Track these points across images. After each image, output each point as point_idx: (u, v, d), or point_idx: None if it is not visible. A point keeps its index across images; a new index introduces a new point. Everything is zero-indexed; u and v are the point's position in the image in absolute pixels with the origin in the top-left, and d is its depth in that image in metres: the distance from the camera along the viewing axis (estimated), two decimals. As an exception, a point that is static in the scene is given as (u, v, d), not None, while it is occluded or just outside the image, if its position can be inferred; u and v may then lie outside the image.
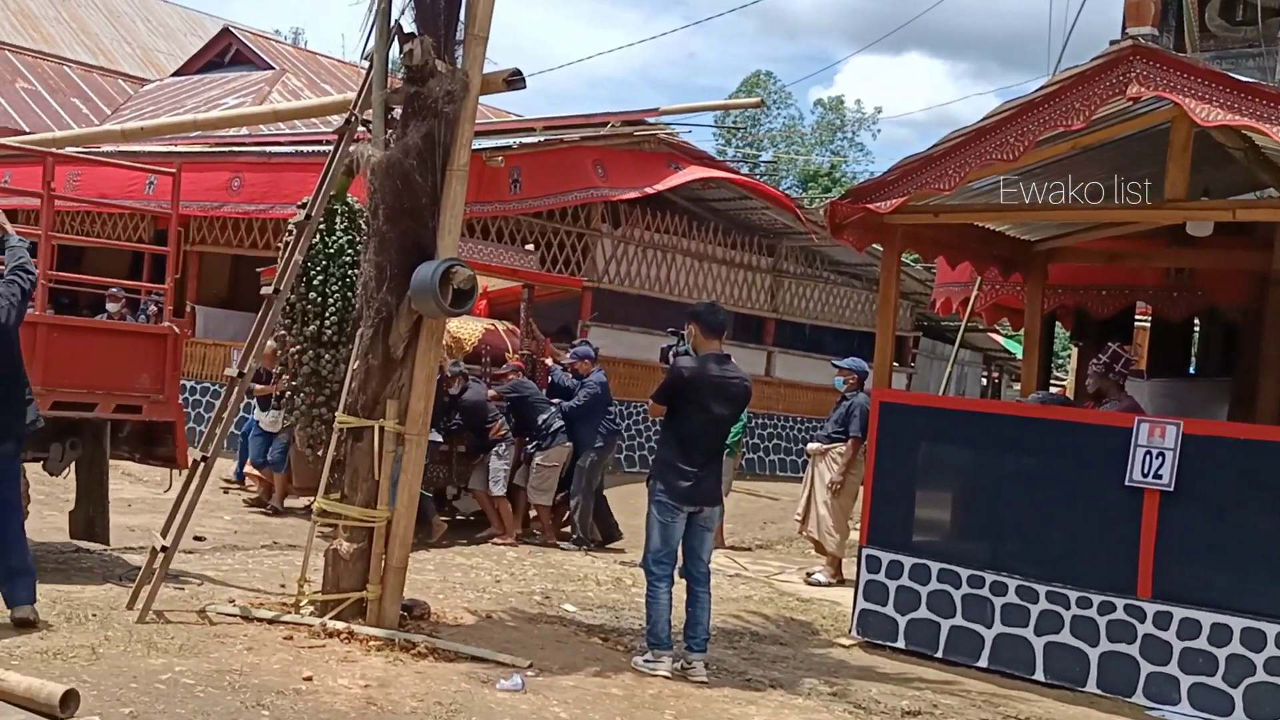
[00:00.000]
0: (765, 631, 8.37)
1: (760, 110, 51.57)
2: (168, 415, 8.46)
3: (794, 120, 58.31)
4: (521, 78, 7.56)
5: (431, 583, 8.66)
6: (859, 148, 57.48)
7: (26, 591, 6.45)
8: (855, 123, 57.95)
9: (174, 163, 9.06)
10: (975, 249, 9.79)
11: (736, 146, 54.04)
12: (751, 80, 56.73)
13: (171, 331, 8.51)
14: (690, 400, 6.83)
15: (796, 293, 20.27)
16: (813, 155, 55.03)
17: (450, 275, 6.86)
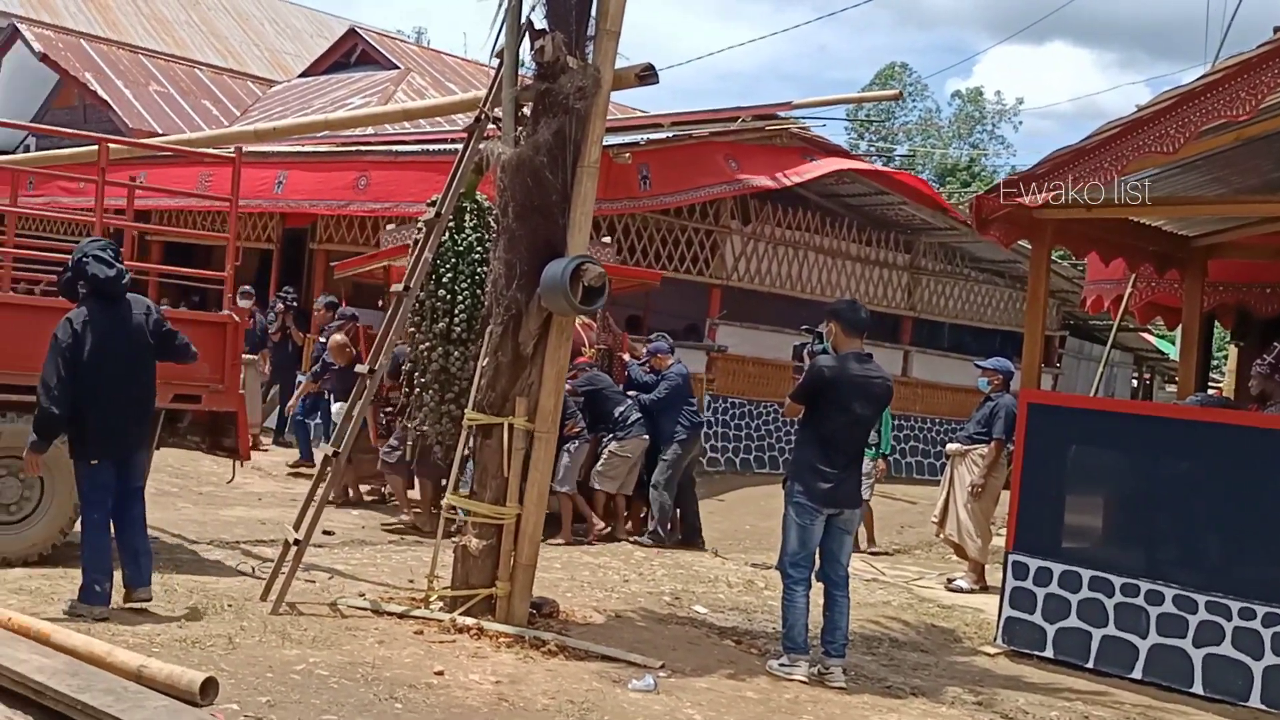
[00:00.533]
0: (905, 638, 8.33)
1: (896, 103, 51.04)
2: (228, 405, 8.43)
3: (930, 113, 57.70)
4: (654, 72, 7.63)
5: (559, 581, 8.80)
6: (999, 140, 56.64)
7: (147, 573, 6.85)
8: (995, 115, 57.10)
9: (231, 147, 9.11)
10: (1130, 245, 9.57)
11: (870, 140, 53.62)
12: (886, 72, 56.18)
13: (230, 320, 8.50)
14: (831, 400, 6.83)
15: (935, 290, 20.03)
16: (950, 149, 54.27)
17: (581, 272, 6.97)
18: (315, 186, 16.43)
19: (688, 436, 11.45)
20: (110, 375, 6.75)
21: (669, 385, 11.46)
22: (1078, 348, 24.20)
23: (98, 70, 24.38)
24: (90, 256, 6.83)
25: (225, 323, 8.47)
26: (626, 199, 13.86)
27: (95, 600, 6.60)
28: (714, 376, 16.23)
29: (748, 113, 15.39)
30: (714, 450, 16.13)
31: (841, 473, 6.88)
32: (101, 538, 6.78)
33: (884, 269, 19.09)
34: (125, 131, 22.12)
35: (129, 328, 6.90)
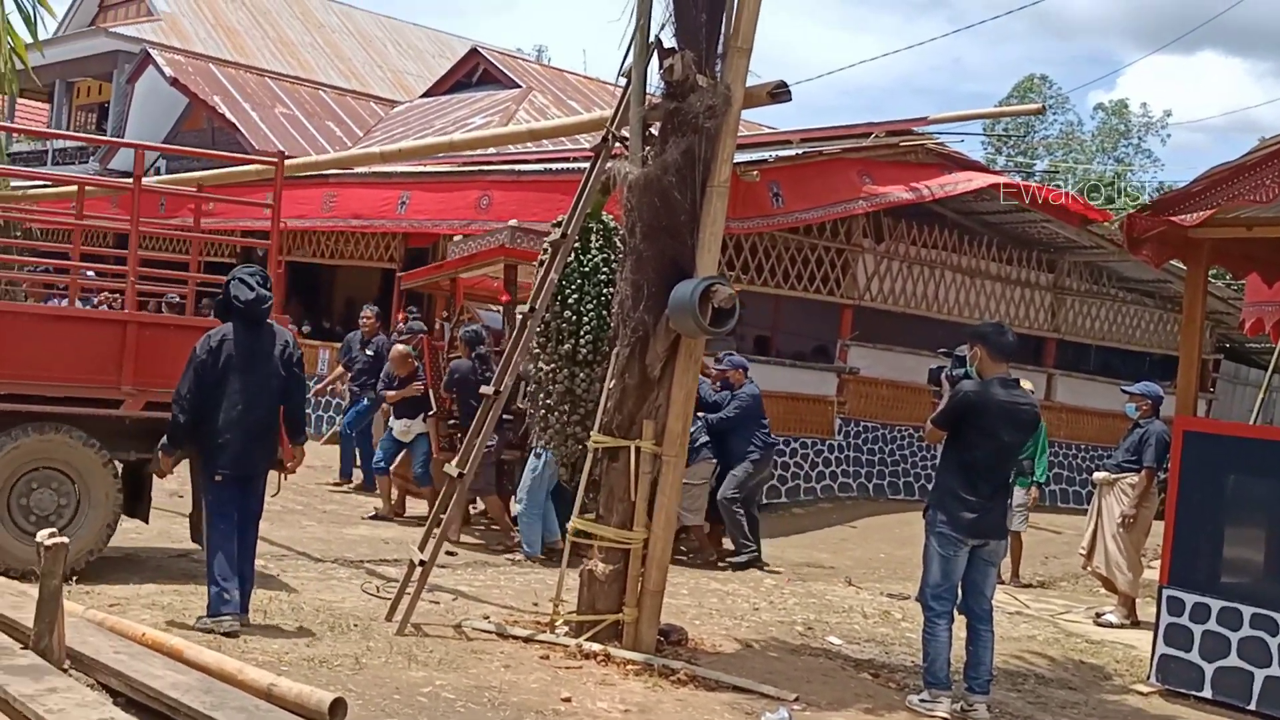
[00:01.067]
0: (1051, 674, 8.18)
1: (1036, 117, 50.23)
2: None
3: (1072, 126, 56.61)
4: (787, 90, 7.66)
5: (686, 608, 8.83)
6: (1146, 154, 55.33)
7: (247, 599, 7.11)
8: (1141, 128, 55.85)
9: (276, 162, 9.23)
10: (1297, 266, 9.33)
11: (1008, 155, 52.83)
12: (1024, 84, 55.31)
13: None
14: (976, 426, 6.77)
15: (1080, 311, 19.64)
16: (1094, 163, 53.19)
17: (710, 294, 7.03)
18: (438, 207, 16.76)
19: (761, 457, 11.44)
20: (238, 394, 7.10)
21: (739, 405, 11.37)
22: (1233, 372, 23.48)
23: (225, 93, 25.27)
24: (236, 279, 7.27)
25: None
26: (759, 217, 13.86)
27: (224, 608, 6.85)
28: (845, 399, 16.14)
29: (881, 128, 15.30)
30: (845, 475, 16.03)
31: (987, 502, 6.82)
32: (229, 547, 7.04)
33: (1026, 289, 18.79)
34: (251, 153, 22.86)
35: (263, 352, 7.25)
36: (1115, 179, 50.49)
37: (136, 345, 8.13)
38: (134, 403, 8.12)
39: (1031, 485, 11.50)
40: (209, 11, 31.59)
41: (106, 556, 8.55)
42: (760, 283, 15.06)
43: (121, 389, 8.10)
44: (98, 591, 7.43)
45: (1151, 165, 54.49)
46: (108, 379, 8.11)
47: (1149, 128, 55.66)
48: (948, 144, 16.29)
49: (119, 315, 8.34)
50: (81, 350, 8.10)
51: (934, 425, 6.99)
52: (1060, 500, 18.22)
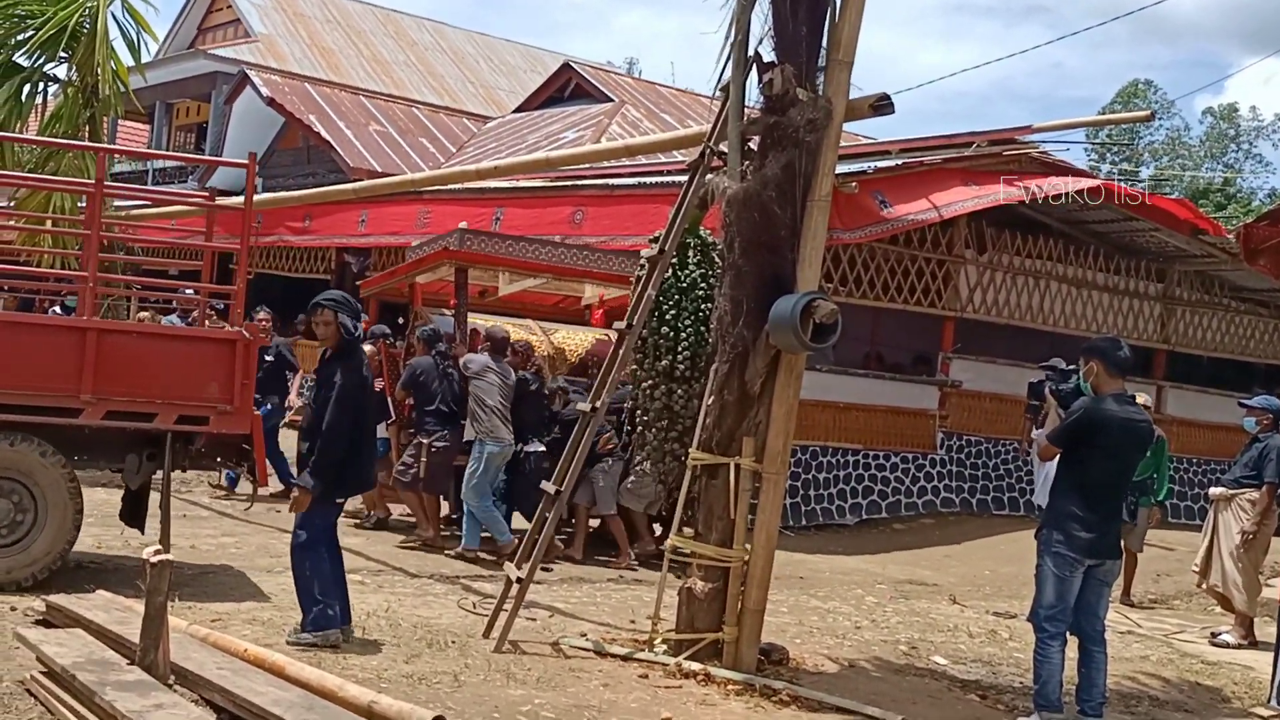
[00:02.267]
0: (1166, 696, 8.01)
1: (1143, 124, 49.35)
2: (239, 428, 8.18)
3: (1178, 132, 55.55)
4: (890, 102, 7.59)
5: (787, 625, 8.78)
6: (1257, 159, 54.13)
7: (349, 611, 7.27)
8: (1252, 132, 54.65)
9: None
10: None
11: (1112, 162, 51.97)
12: (1129, 90, 54.42)
13: (241, 336, 8.20)
14: (1094, 444, 6.67)
15: (1191, 322, 19.22)
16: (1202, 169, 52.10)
17: (812, 309, 6.98)
18: (532, 222, 16.88)
19: None
20: (370, 417, 7.51)
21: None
22: (1353, 383, 22.84)
23: (320, 112, 25.72)
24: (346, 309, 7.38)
25: (235, 340, 8.20)
26: (872, 225, 13.75)
27: (331, 623, 6.97)
28: (947, 413, 15.95)
29: (983, 138, 15.09)
30: (948, 490, 15.84)
31: (1104, 521, 6.73)
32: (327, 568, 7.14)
33: (1134, 299, 18.42)
34: (346, 170, 23.28)
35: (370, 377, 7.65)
36: (1225, 185, 49.54)
37: (97, 353, 7.81)
38: (93, 412, 7.83)
39: (1153, 505, 11.27)
40: (304, 32, 32.22)
41: (206, 572, 8.76)
42: (859, 295, 14.96)
43: (80, 398, 7.79)
44: (200, 608, 7.57)
45: (1263, 170, 53.39)
46: (66, 387, 7.79)
47: (1259, 132, 54.50)
48: (1052, 153, 16.05)
49: (78, 322, 8.10)
50: (39, 358, 7.82)
51: (1049, 442, 6.92)
52: (1172, 515, 17.79)
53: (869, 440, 15.16)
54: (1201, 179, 50.17)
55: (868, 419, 15.17)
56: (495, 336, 10.90)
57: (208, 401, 8.03)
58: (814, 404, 14.28)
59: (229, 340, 8.23)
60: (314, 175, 24.51)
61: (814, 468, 14.56)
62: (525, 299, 14.18)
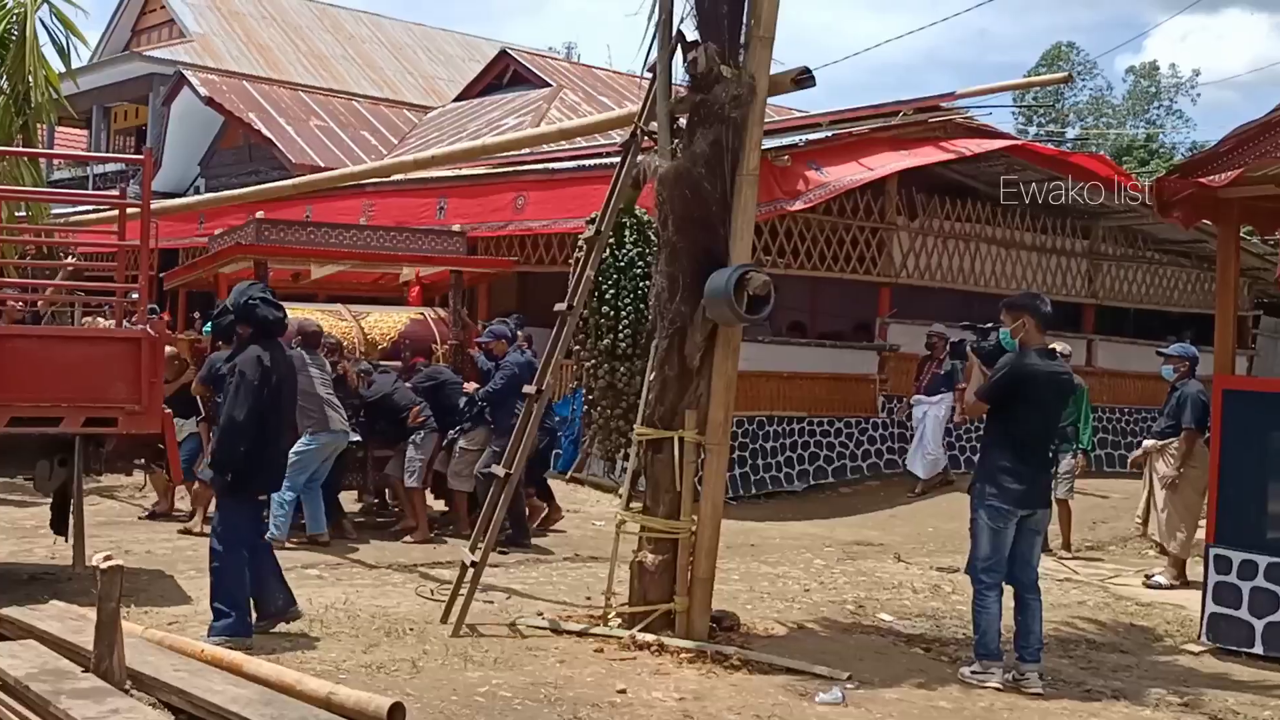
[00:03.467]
0: (1103, 639, 8.11)
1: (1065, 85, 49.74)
2: (149, 427, 7.91)
3: (1102, 92, 56.06)
4: (811, 76, 7.60)
5: (738, 593, 8.80)
6: (1177, 115, 54.75)
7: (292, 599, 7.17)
8: (1172, 89, 55.24)
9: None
10: (1327, 220, 9.19)
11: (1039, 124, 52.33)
12: (1052, 53, 54.79)
13: (146, 335, 7.90)
14: (1023, 398, 6.73)
15: (1117, 276, 19.41)
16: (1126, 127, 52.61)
17: (745, 281, 6.98)
18: (475, 210, 16.77)
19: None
20: (281, 413, 7.16)
21: (505, 375, 10.78)
22: (1274, 327, 23.14)
23: (260, 109, 25.41)
24: (258, 300, 7.12)
25: (139, 339, 7.89)
26: (817, 188, 13.72)
27: (246, 631, 6.79)
28: (886, 376, 16.00)
29: (909, 105, 15.14)
30: (891, 453, 15.91)
31: (1034, 472, 6.84)
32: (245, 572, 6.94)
33: (1061, 256, 18.58)
34: (289, 167, 23.03)
35: (291, 371, 7.35)
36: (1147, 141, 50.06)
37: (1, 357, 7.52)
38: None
39: (1078, 452, 11.37)
40: (240, 30, 31.76)
41: (162, 576, 8.65)
42: (797, 266, 14.97)
43: None
44: (156, 611, 7.48)
45: (1184, 126, 54.02)
46: None
47: (1179, 88, 55.12)
48: (977, 117, 16.12)
49: None
50: None
51: (979, 398, 6.93)
52: (1106, 465, 17.98)
53: (813, 408, 15.19)
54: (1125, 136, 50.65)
55: (811, 387, 15.20)
56: (307, 330, 10.44)
57: (115, 402, 7.75)
58: (758, 375, 14.29)
59: (133, 339, 7.92)
60: (257, 173, 24.21)
61: (760, 437, 14.59)
62: (344, 279, 13.91)
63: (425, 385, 11.30)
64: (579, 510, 13.22)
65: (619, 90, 26.69)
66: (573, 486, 14.62)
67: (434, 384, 11.30)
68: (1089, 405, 11.67)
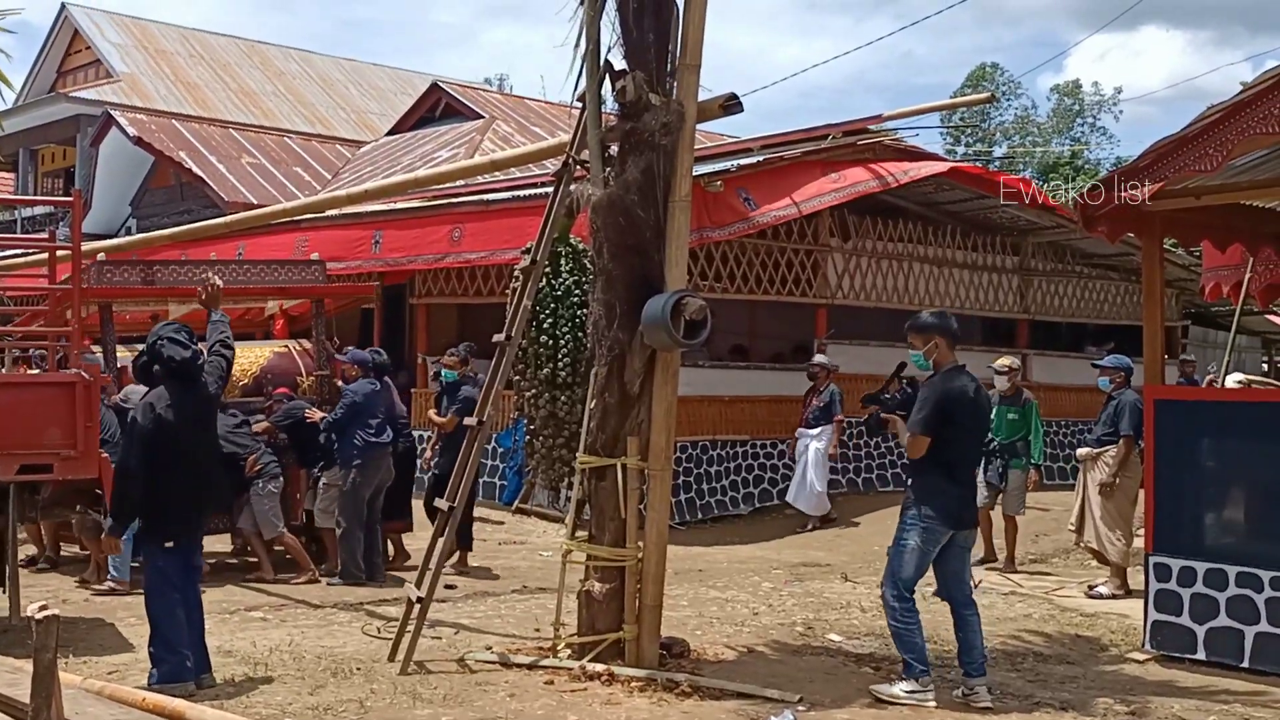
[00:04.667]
0: (1049, 651, 8.16)
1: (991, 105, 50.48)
2: (85, 472, 7.73)
3: (1027, 110, 56.92)
4: (738, 102, 7.63)
5: (687, 619, 8.77)
6: (1101, 132, 55.77)
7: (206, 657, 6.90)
8: (1095, 106, 56.23)
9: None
10: (1245, 229, 9.43)
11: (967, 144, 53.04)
12: (977, 74, 55.64)
13: (80, 379, 7.72)
14: (952, 420, 6.73)
15: (1048, 291, 19.67)
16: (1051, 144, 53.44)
17: (681, 307, 6.98)
18: (412, 243, 16.70)
19: (363, 461, 10.45)
20: (187, 457, 6.83)
21: (345, 403, 10.55)
22: (1202, 336, 23.58)
23: (191, 148, 25.16)
24: (165, 339, 6.92)
25: (74, 383, 7.71)
26: (738, 222, 13.81)
27: (187, 675, 6.67)
28: (827, 398, 16.06)
29: (838, 129, 15.30)
30: (834, 472, 15.96)
31: (967, 491, 6.95)
32: (178, 614, 6.80)
33: (993, 273, 18.81)
34: (221, 205, 22.79)
35: (204, 409, 7.05)
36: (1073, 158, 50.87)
37: None
38: None
39: (1029, 468, 11.42)
40: (168, 69, 31.48)
41: (101, 624, 8.48)
42: (734, 290, 15.03)
43: None
44: (96, 661, 7.32)
45: (1107, 142, 55.06)
46: None
47: (1101, 105, 56.13)
48: (905, 139, 16.31)
49: None
50: None
51: (920, 433, 6.71)
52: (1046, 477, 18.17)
53: (755, 430, 15.25)
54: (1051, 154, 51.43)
55: (752, 409, 15.25)
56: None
57: (49, 448, 7.53)
58: (699, 399, 14.34)
59: (67, 384, 7.71)
60: (189, 212, 23.92)
61: (705, 461, 14.61)
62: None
63: (284, 423, 10.93)
64: (525, 541, 13.17)
65: (551, 120, 26.72)
66: (518, 517, 14.57)
67: (293, 422, 10.91)
68: (1039, 419, 11.73)
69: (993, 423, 11.32)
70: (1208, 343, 23.51)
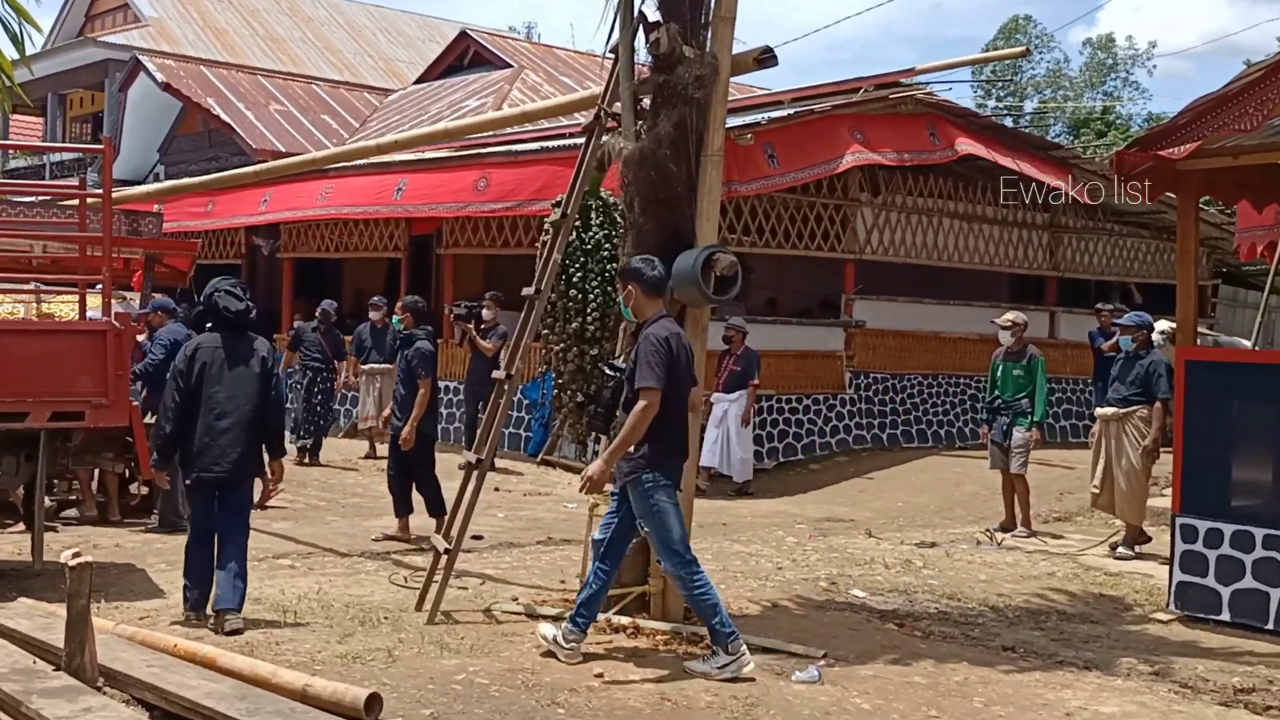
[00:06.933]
0: (1073, 610, 8.17)
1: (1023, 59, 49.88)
2: (116, 420, 7.77)
3: (1059, 64, 56.26)
4: (773, 55, 7.56)
5: (711, 573, 8.60)
6: (1134, 87, 55.08)
7: (240, 597, 7.06)
8: (1128, 61, 55.55)
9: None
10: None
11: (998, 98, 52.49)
12: (1009, 26, 54.97)
13: (111, 327, 7.70)
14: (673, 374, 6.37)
15: (1078, 248, 19.53)
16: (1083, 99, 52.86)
17: (712, 262, 6.95)
18: (434, 190, 16.67)
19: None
20: (216, 402, 7.11)
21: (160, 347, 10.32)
22: (1232, 295, 23.39)
23: (219, 94, 25.11)
24: (221, 291, 7.30)
25: (105, 330, 7.69)
26: (759, 179, 13.73)
27: (185, 605, 7.13)
28: (853, 352, 16.07)
29: (869, 82, 15.15)
30: (859, 428, 15.98)
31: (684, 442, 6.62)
32: (194, 550, 7.15)
33: (1023, 229, 18.68)
34: (249, 152, 22.78)
35: (246, 362, 7.24)
36: (1104, 113, 50.32)
37: None
38: None
39: (1032, 426, 11.16)
40: (196, 14, 31.38)
41: (132, 570, 8.57)
42: (763, 244, 14.97)
43: None
44: (127, 606, 7.40)
45: (1140, 97, 54.39)
46: None
47: (1135, 60, 55.43)
48: (936, 93, 16.14)
49: None
50: None
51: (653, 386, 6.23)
52: (1071, 436, 18.17)
53: (781, 385, 15.23)
54: (1082, 109, 50.90)
55: (779, 364, 15.23)
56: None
57: (81, 396, 7.58)
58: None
59: (98, 331, 7.74)
60: (217, 159, 23.95)
61: (729, 415, 14.58)
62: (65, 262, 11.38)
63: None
64: (550, 493, 13.21)
65: (580, 70, 26.57)
66: (543, 469, 14.62)
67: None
68: (1044, 377, 11.45)
69: (998, 380, 11.28)
70: (1237, 302, 23.32)
